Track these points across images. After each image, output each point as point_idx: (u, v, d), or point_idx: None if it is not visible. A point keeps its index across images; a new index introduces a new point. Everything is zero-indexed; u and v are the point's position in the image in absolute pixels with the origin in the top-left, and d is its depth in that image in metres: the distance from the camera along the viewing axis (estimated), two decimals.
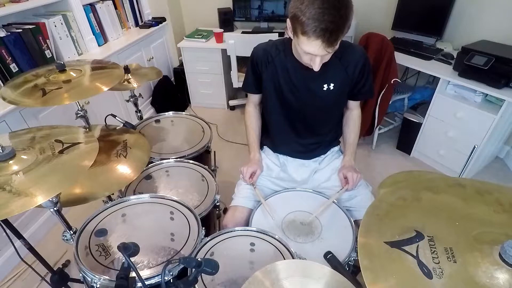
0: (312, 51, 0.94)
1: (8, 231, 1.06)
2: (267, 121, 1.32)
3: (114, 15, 2.45)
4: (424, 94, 2.42)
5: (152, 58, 2.78)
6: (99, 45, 2.31)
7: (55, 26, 1.92)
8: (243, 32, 2.79)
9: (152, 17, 2.93)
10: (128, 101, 1.68)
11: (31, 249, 1.15)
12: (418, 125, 2.27)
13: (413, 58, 2.21)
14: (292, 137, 1.28)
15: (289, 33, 1.00)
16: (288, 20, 0.97)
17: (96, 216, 1.05)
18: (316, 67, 0.98)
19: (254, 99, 1.32)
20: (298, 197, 1.23)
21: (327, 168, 1.31)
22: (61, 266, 1.63)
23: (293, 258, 0.93)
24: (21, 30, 1.71)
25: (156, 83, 2.89)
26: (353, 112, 1.30)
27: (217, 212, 1.34)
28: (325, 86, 1.13)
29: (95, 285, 0.86)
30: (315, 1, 0.86)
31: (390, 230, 0.58)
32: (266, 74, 1.18)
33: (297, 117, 1.23)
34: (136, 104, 1.70)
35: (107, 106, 2.21)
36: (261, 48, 1.19)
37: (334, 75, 1.12)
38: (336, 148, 1.36)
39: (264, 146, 1.38)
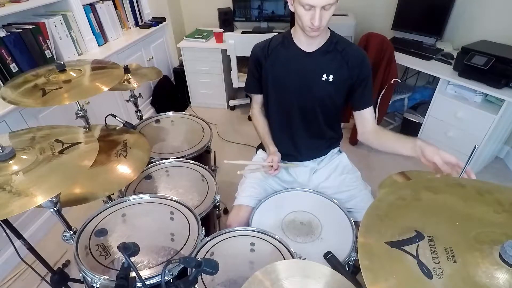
0: (313, 1, 0.94)
1: (8, 231, 1.06)
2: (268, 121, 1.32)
3: (114, 15, 2.45)
4: (424, 94, 2.42)
5: (152, 58, 2.78)
6: (99, 45, 2.31)
7: (55, 26, 1.92)
8: (243, 32, 2.78)
9: (152, 17, 2.93)
10: (128, 101, 1.68)
11: (31, 249, 1.15)
12: (418, 125, 2.27)
13: (413, 58, 2.21)
14: (291, 137, 1.27)
15: (290, 5, 1.03)
16: None
17: (96, 216, 1.05)
18: (317, 22, 0.97)
19: (257, 99, 1.33)
20: (298, 197, 1.23)
21: (326, 167, 1.31)
22: (61, 266, 1.63)
23: (293, 258, 0.93)
24: (21, 30, 1.71)
25: (156, 83, 2.89)
26: (372, 130, 1.20)
27: (217, 212, 1.34)
28: (324, 76, 1.13)
29: (95, 285, 0.86)
30: None
31: (390, 230, 0.58)
32: (265, 68, 1.19)
33: (296, 112, 1.22)
34: (136, 104, 1.70)
35: (107, 106, 2.21)
36: (258, 46, 1.21)
37: (334, 67, 1.12)
38: (336, 149, 1.36)
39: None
